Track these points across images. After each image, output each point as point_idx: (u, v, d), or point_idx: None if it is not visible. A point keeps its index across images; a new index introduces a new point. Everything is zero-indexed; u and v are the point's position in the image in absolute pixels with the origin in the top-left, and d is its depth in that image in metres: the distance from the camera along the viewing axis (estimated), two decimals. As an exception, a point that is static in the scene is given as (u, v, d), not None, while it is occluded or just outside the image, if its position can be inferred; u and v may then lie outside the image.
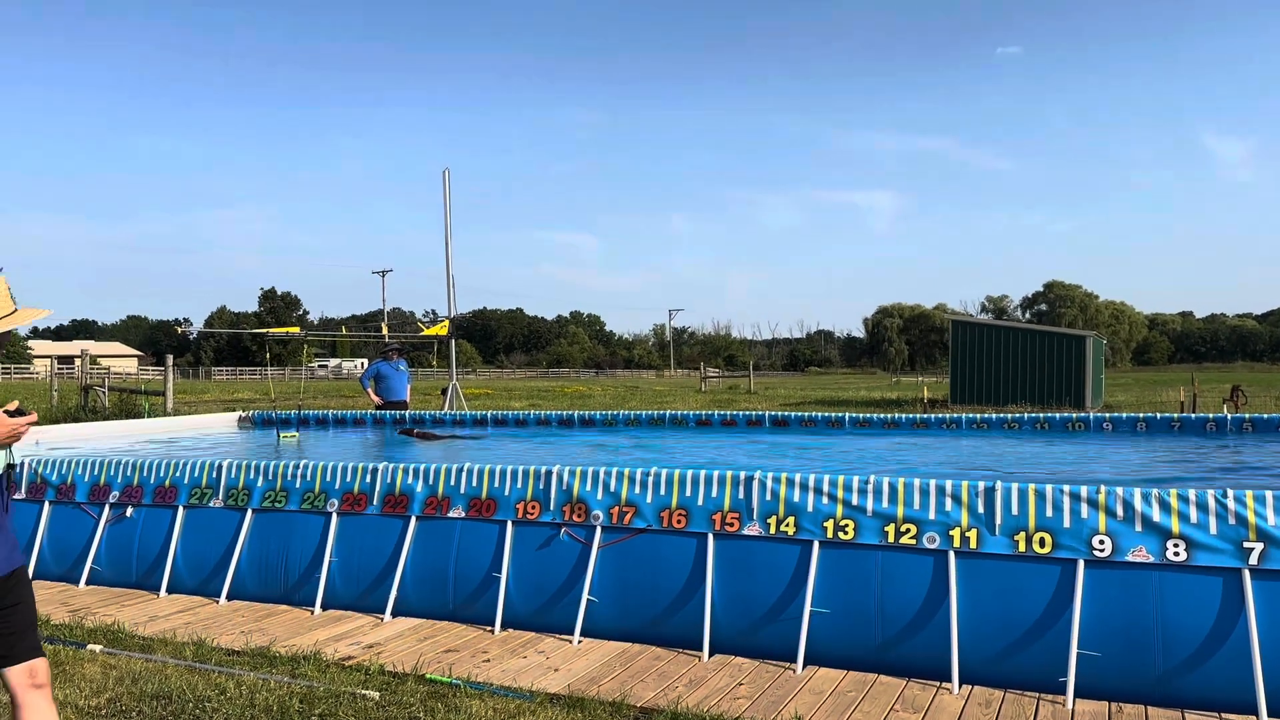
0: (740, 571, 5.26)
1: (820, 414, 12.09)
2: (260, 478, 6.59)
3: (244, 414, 14.36)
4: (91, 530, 6.85)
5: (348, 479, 6.31)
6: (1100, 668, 4.47)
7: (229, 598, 6.38)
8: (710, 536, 5.36)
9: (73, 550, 6.88)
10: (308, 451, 10.85)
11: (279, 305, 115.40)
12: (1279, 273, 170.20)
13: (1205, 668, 4.34)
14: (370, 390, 14.19)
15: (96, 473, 7.01)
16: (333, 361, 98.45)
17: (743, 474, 5.44)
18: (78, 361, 25.35)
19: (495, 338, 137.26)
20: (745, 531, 5.31)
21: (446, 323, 16.75)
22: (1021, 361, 26.40)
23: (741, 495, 5.38)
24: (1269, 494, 4.46)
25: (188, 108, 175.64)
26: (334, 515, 6.26)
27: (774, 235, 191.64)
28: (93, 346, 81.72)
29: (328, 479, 6.38)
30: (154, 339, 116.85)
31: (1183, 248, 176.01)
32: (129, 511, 6.83)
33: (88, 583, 6.76)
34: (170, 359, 22.13)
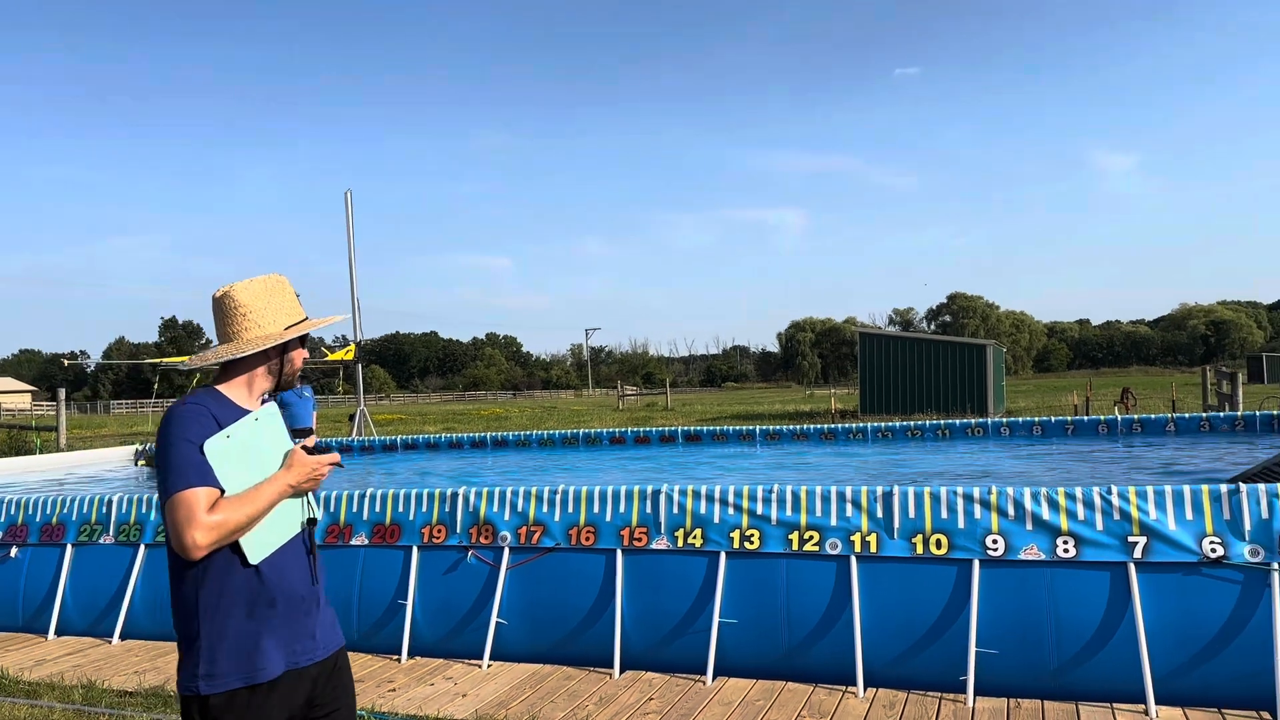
0: (649, 586, 5.26)
1: (732, 428, 12.20)
2: (153, 512, 6.36)
3: (140, 448, 13.87)
4: (-28, 573, 6.51)
5: (246, 509, 6.12)
6: (998, 665, 4.59)
7: (122, 637, 6.14)
8: (619, 552, 5.35)
9: (-49, 595, 6.53)
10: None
11: (181, 335, 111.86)
12: (1168, 280, 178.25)
13: (1096, 659, 4.49)
14: None
15: (-24, 513, 6.67)
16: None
17: (649, 488, 5.45)
18: (-37, 398, 24.17)
19: (409, 362, 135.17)
20: (654, 546, 5.32)
21: (353, 347, 16.42)
22: (926, 371, 27.07)
23: (649, 509, 5.39)
24: (1150, 489, 4.64)
25: (82, 136, 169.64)
26: (232, 547, 6.06)
27: (687, 254, 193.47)
28: (-19, 383, 77.92)
29: (225, 510, 6.17)
30: (49, 373, 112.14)
31: (1077, 258, 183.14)
32: (14, 551, 6.52)
33: (-32, 629, 6.42)
34: (63, 393, 21.24)
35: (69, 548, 6.43)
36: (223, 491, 2.20)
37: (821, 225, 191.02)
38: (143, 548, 6.26)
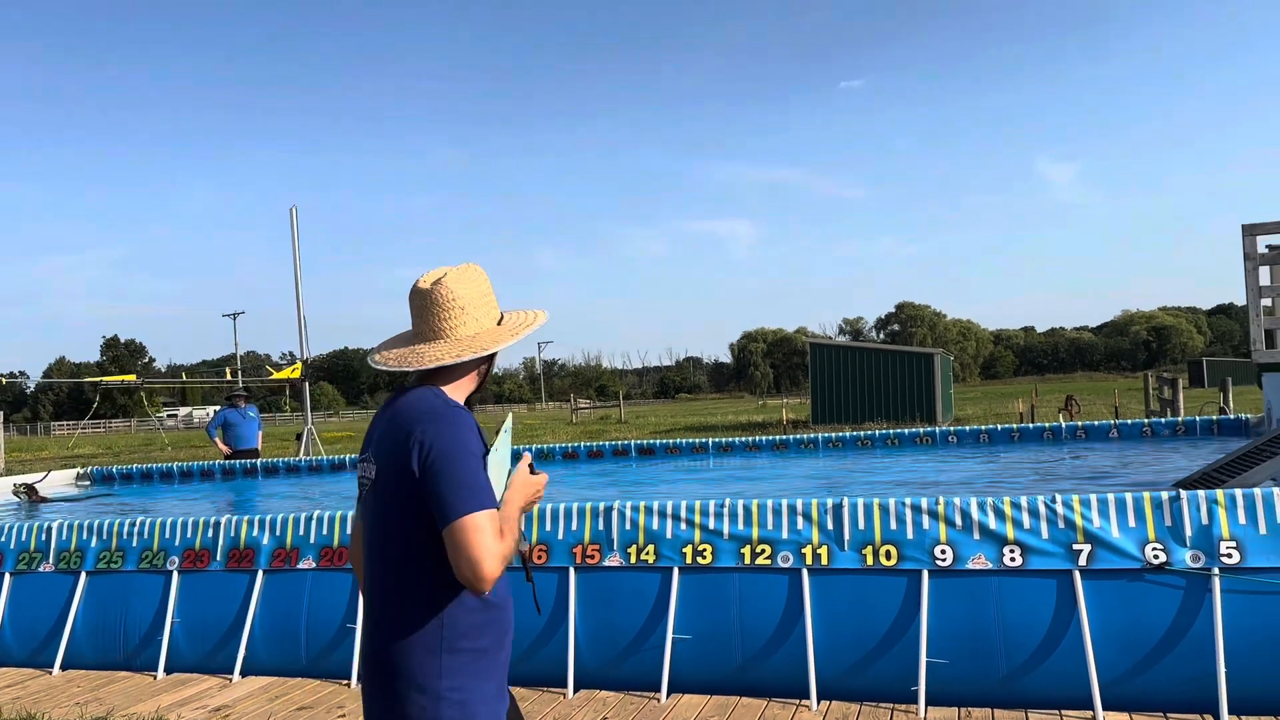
0: (603, 603, 5.23)
1: (685, 440, 12.22)
2: (94, 538, 6.21)
3: (83, 470, 13.53)
4: (-99, 606, 6.30)
5: (188, 535, 6.00)
6: (949, 674, 4.63)
7: (63, 667, 5.98)
8: (572, 570, 5.32)
9: (-120, 630, 6.30)
10: (149, 508, 10.27)
11: (123, 354, 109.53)
12: (1111, 288, 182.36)
13: (1044, 667, 4.54)
14: (218, 440, 13.53)
15: (-94, 543, 6.45)
16: (183, 410, 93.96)
17: (602, 505, 5.43)
18: (-106, 423, 23.45)
19: (359, 378, 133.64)
20: (606, 563, 5.29)
21: (299, 365, 16.19)
22: (876, 380, 27.38)
23: (601, 526, 5.37)
24: (1094, 497, 4.72)
25: (19, 151, 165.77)
26: (175, 573, 5.93)
27: (640, 266, 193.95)
28: (-87, 405, 75.57)
29: (167, 536, 6.05)
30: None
31: (1022, 266, 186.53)
32: (-55, 583, 6.31)
33: (-102, 664, 6.20)
34: (1, 415, 20.69)
35: (7, 576, 6.25)
36: None
37: (772, 236, 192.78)
38: (84, 575, 6.10)
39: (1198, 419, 10.88)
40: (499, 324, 2.29)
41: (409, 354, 2.20)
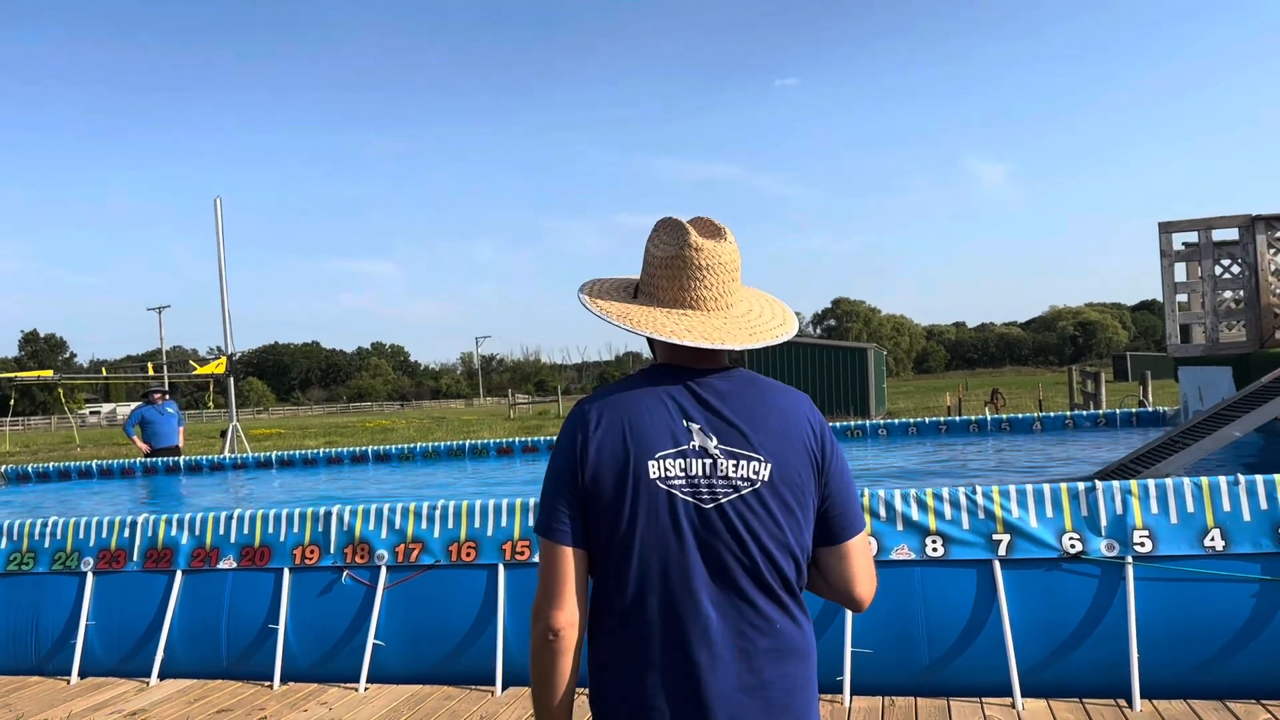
0: (532, 600, 5.18)
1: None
2: (4, 539, 5.99)
3: (4, 469, 13.06)
4: None
5: (103, 535, 5.82)
6: (873, 664, 4.68)
7: (-31, 675, 5.75)
8: (501, 567, 5.27)
9: None
10: (63, 508, 9.95)
11: (42, 349, 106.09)
12: (1038, 284, 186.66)
13: (965, 655, 4.62)
14: (136, 438, 13.11)
15: None
16: (106, 407, 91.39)
17: (532, 500, 5.39)
18: None
19: (290, 373, 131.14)
20: (536, 559, 5.25)
21: (224, 360, 15.81)
22: (811, 374, 27.69)
23: (532, 522, 5.32)
24: (1012, 488, 4.81)
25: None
26: (89, 574, 5.75)
27: (578, 260, 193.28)
28: None
29: (80, 536, 5.86)
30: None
31: (954, 263, 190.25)
32: None
33: None
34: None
35: (-93, 582, 5.99)
36: None
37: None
38: (-9, 579, 5.88)
39: (1118, 411, 11.18)
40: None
41: (773, 324, 1.83)
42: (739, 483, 1.69)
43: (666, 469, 1.70)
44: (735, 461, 1.70)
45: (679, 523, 1.69)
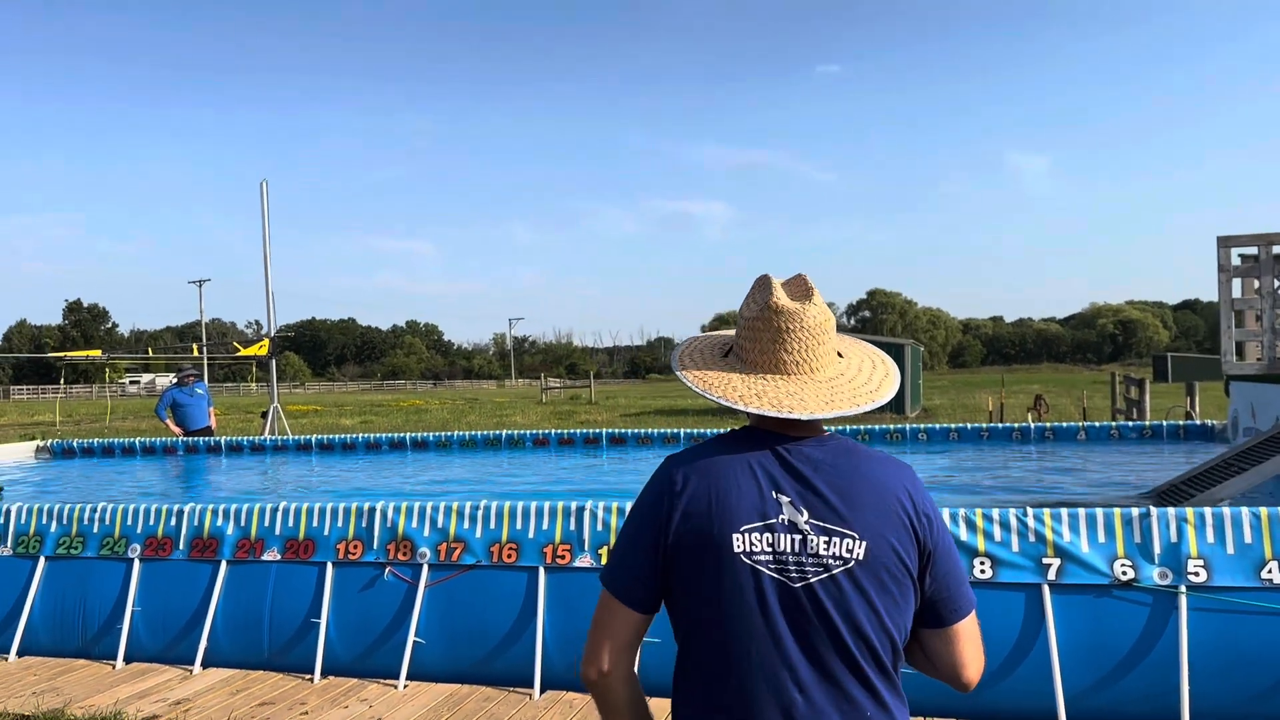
0: (572, 604, 5.19)
1: (656, 430, 12.19)
2: (54, 522, 6.08)
3: (42, 443, 13.29)
4: None
5: (151, 522, 5.89)
6: (915, 685, 4.61)
7: (20, 653, 5.86)
8: (541, 570, 5.27)
9: None
10: (110, 490, 10.09)
11: (85, 318, 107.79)
12: (1078, 280, 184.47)
13: (1010, 680, 4.56)
14: (169, 422, 13.12)
15: None
16: (146, 377, 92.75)
17: (574, 504, 5.38)
18: None
19: (326, 349, 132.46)
20: (577, 563, 5.25)
21: (266, 342, 15.95)
22: (847, 370, 27.45)
23: (573, 526, 5.32)
24: (1064, 511, 4.73)
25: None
26: (136, 561, 5.82)
27: (614, 244, 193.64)
28: None
29: (128, 523, 5.93)
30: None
31: (992, 256, 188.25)
32: (-102, 565, 6.16)
33: None
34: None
35: (-40, 560, 6.11)
36: None
37: (745, 218, 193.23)
38: (43, 560, 5.98)
39: (1165, 424, 10.99)
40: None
41: (866, 389, 1.76)
42: (830, 561, 1.61)
43: (752, 544, 1.62)
44: (827, 539, 1.62)
45: (765, 601, 1.62)
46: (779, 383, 1.71)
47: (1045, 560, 4.65)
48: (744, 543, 1.62)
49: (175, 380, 13.30)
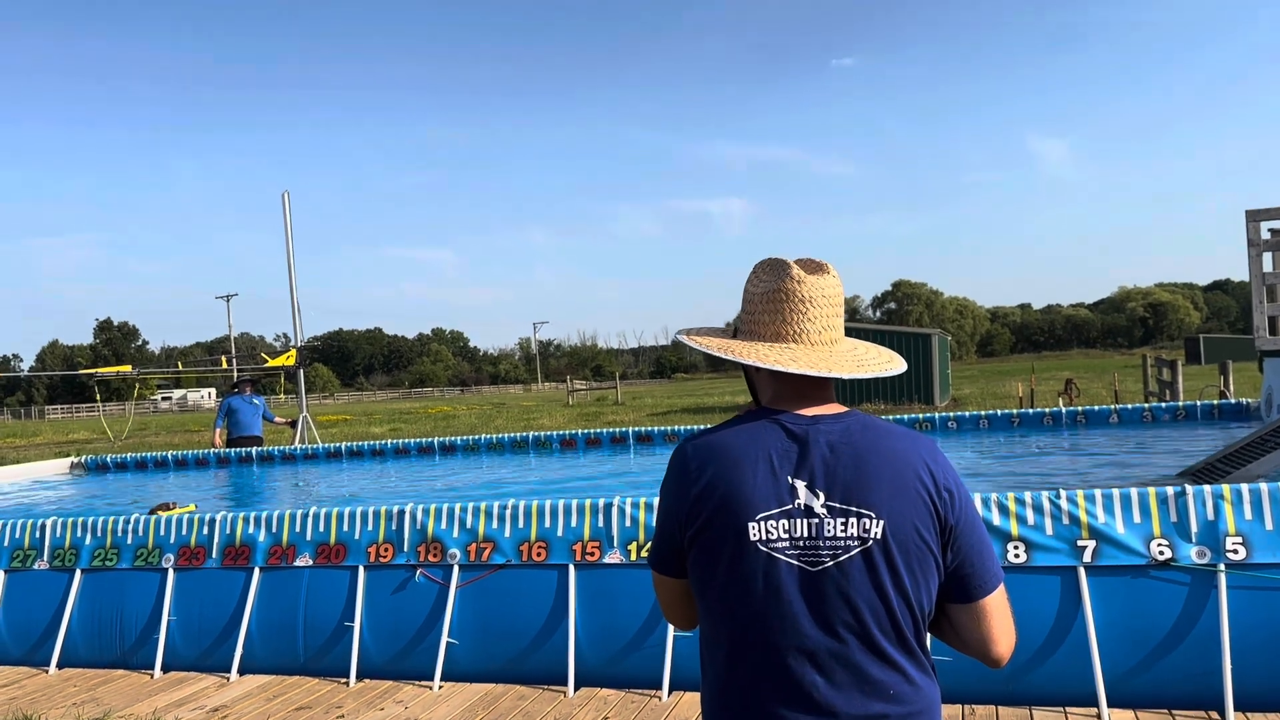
0: (603, 601, 5.18)
1: (683, 427, 12.16)
2: (89, 535, 6.15)
3: (77, 459, 13.45)
4: (-105, 606, 6.24)
5: (183, 532, 5.94)
6: (953, 672, 4.56)
7: (60, 665, 5.93)
8: (571, 568, 5.27)
9: (-127, 629, 6.25)
10: (140, 504, 10.19)
11: (116, 337, 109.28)
12: (1106, 264, 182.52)
13: (1049, 664, 4.51)
14: (217, 431, 13.26)
15: (-102, 542, 6.39)
16: (177, 393, 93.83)
17: (601, 501, 5.38)
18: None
19: (353, 359, 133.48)
20: (606, 560, 5.24)
21: (294, 352, 16.10)
22: (874, 361, 27.30)
23: (601, 523, 5.31)
24: (1098, 492, 4.67)
25: (6, 129, 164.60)
26: (170, 571, 5.88)
27: (633, 245, 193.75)
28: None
29: (161, 533, 5.99)
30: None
31: (1017, 243, 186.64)
32: (-62, 582, 6.25)
33: (-108, 664, 6.15)
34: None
35: (1, 573, 6.19)
36: None
37: (765, 214, 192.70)
38: (79, 573, 6.05)
39: (1198, 404, 10.83)
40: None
41: (881, 360, 1.77)
42: (849, 542, 1.58)
43: (769, 531, 1.59)
44: (844, 520, 1.58)
45: (784, 587, 1.59)
46: (804, 350, 1.69)
47: (1080, 543, 4.59)
48: (761, 530, 1.60)
49: (233, 388, 13.59)
